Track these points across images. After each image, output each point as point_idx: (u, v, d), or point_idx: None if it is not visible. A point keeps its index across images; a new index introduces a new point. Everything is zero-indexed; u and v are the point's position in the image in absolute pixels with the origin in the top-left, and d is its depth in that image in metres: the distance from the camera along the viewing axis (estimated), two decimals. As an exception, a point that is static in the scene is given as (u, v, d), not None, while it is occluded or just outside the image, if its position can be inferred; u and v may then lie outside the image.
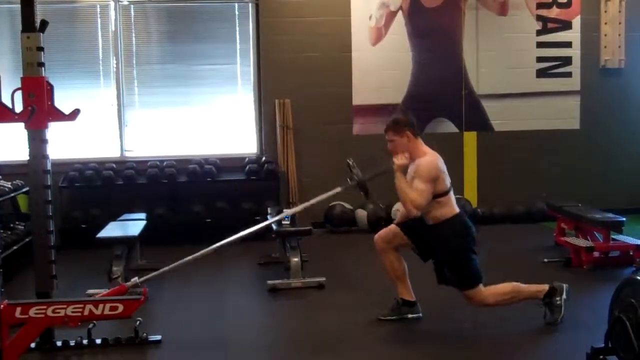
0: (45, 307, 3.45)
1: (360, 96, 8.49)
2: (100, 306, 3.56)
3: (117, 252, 5.70)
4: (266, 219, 5.97)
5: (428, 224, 4.67)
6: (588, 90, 8.83)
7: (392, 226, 4.90)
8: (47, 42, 8.12)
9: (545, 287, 4.68)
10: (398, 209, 8.11)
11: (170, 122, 8.40)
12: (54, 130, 7.82)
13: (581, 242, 6.32)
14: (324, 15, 8.38)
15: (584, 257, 6.14)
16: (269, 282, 5.79)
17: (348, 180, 4.86)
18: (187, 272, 6.56)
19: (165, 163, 8.08)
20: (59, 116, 4.37)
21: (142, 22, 8.30)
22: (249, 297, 5.79)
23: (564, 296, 4.65)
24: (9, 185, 7.15)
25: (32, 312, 3.42)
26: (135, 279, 4.52)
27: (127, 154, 8.35)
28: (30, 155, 4.37)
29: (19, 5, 7.93)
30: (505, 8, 8.64)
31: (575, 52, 8.79)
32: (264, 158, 8.24)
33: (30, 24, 4.31)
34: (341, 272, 6.31)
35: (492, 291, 4.63)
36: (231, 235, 5.09)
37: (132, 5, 8.23)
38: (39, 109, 4.26)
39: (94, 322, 4.39)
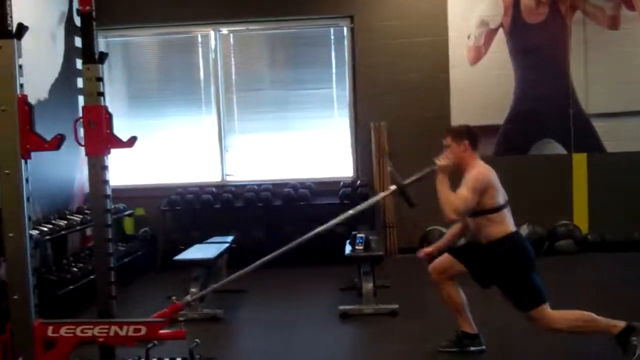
0: (74, 326, 3.57)
1: (459, 117, 8.21)
2: (125, 327, 3.62)
3: (194, 274, 5.82)
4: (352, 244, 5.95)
5: (482, 243, 4.44)
6: None
7: (445, 254, 4.68)
8: (150, 72, 8.65)
9: (622, 324, 4.27)
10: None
11: (268, 146, 8.54)
12: (160, 157, 8.21)
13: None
14: (420, 36, 8.23)
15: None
16: (341, 307, 5.70)
17: (390, 187, 4.66)
18: (268, 293, 6.67)
19: (262, 187, 8.21)
20: (117, 143, 4.51)
21: (240, 49, 8.53)
22: (319, 321, 5.70)
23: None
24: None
25: (63, 331, 3.54)
26: (187, 297, 4.57)
27: (227, 178, 8.56)
28: (90, 180, 4.52)
29: (133, 38, 8.45)
30: (616, 21, 8.11)
31: (694, 65, 8.10)
32: (358, 182, 8.17)
33: (90, 56, 4.49)
34: (419, 299, 6.10)
35: (560, 314, 4.32)
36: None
37: (231, 34, 8.48)
38: (98, 137, 4.41)
39: (155, 342, 4.51)
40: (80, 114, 7.69)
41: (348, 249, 5.91)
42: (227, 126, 8.54)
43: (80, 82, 7.77)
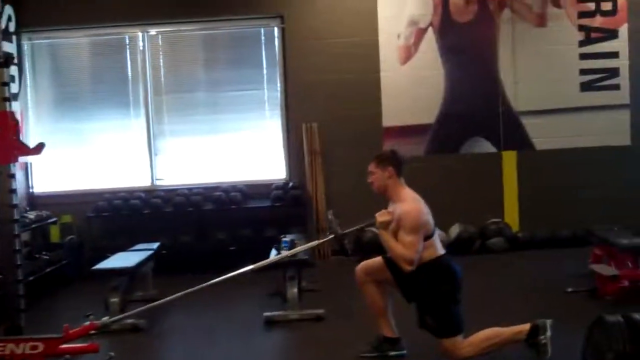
0: (-36, 346, 3.41)
1: (391, 117, 8.22)
2: (22, 345, 3.49)
3: (113, 283, 5.66)
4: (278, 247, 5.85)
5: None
6: (639, 103, 8.23)
7: (379, 258, 4.60)
8: (76, 74, 8.41)
9: (527, 326, 4.27)
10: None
11: (199, 149, 8.40)
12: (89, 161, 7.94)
13: (606, 270, 5.80)
14: (351, 36, 8.19)
15: (609, 286, 5.64)
16: (266, 314, 5.60)
17: (327, 233, 4.62)
18: (194, 302, 6.51)
19: (193, 191, 8.06)
20: (25, 150, 4.35)
21: (170, 51, 8.37)
22: (244, 329, 5.57)
23: (548, 333, 4.23)
24: (32, 216, 7.29)
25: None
26: (105, 319, 4.43)
27: (158, 183, 8.39)
28: (-5, 190, 4.35)
29: (59, 40, 8.16)
30: (543, 19, 8.19)
31: (622, 63, 8.22)
32: (290, 184, 8.09)
33: (-6, 60, 4.31)
34: (347, 303, 6.02)
35: (470, 341, 4.27)
36: (249, 264, 4.94)
37: (160, 35, 8.31)
38: (3, 144, 4.25)
39: (67, 356, 4.36)
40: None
41: (273, 253, 5.81)
42: (156, 129, 8.37)
43: (0, 86, 7.58)
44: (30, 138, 8.22)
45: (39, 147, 4.39)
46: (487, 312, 5.58)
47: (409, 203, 4.35)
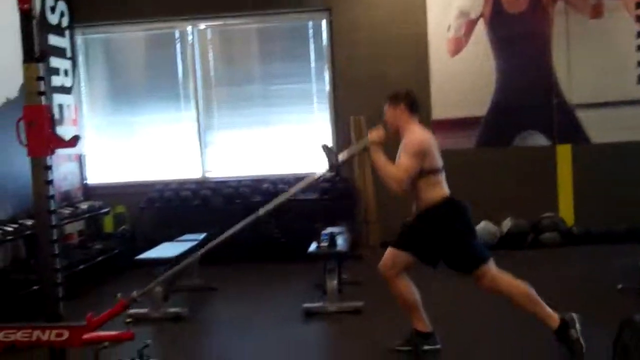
0: (-6, 331, 3.50)
1: (441, 110, 8.10)
2: (47, 332, 3.56)
3: (157, 272, 5.74)
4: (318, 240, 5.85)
5: (419, 212, 4.37)
6: (701, 95, 7.90)
7: (388, 249, 4.53)
8: (128, 67, 8.58)
9: (556, 317, 4.18)
10: (482, 228, 7.71)
11: (248, 142, 8.45)
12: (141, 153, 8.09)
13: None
14: (399, 28, 8.09)
15: (662, 283, 5.44)
16: (305, 305, 5.60)
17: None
18: (237, 291, 6.60)
19: (241, 183, 8.13)
20: (60, 143, 4.43)
21: (218, 45, 8.44)
22: (283, 319, 5.59)
23: (578, 326, 4.11)
24: (85, 207, 7.47)
25: (-18, 334, 3.48)
26: (133, 293, 4.48)
27: (207, 175, 8.49)
28: (33, 181, 4.44)
29: (111, 34, 8.33)
30: (599, 10, 7.90)
31: (683, 54, 7.90)
32: (338, 177, 8.05)
33: (30, 55, 4.39)
34: (388, 296, 5.92)
35: (507, 278, 4.32)
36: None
37: (209, 29, 8.39)
38: (39, 137, 4.34)
39: (105, 343, 4.44)
40: (56, 112, 7.73)
41: (313, 246, 5.81)
42: (206, 122, 8.46)
43: (55, 80, 7.80)
44: (84, 130, 8.44)
45: (74, 140, 4.45)
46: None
47: (416, 133, 4.39)
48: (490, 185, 8.06)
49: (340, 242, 5.93)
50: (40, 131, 4.37)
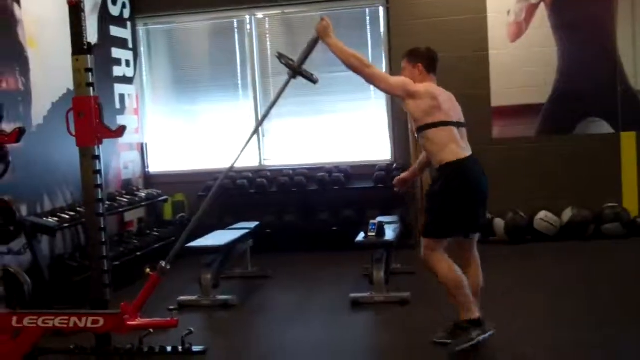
0: (36, 317, 3.64)
1: (500, 97, 7.93)
2: (84, 319, 3.66)
3: (206, 261, 5.84)
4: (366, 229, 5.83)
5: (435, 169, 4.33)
6: None
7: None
8: (189, 57, 8.70)
9: (476, 314, 4.15)
10: (542, 218, 7.54)
11: (306, 130, 8.48)
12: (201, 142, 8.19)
13: None
14: (457, 14, 7.95)
15: None
16: (352, 295, 5.59)
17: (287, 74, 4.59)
18: (289, 280, 6.64)
19: (297, 171, 8.17)
20: (107, 133, 4.54)
21: (276, 34, 8.46)
22: (330, 309, 5.59)
23: (481, 338, 4.09)
24: (143, 195, 7.64)
25: (26, 321, 3.61)
26: (161, 262, 4.53)
27: (265, 163, 8.55)
28: (82, 171, 4.57)
29: (174, 25, 8.45)
30: (666, -7, 7.58)
31: None
32: (394, 165, 8.00)
33: (79, 47, 4.50)
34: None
35: (445, 261, 4.26)
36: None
37: (266, 18, 8.43)
38: (87, 127, 4.46)
39: (150, 330, 4.54)
40: (117, 101, 7.92)
41: (361, 236, 5.78)
42: (264, 111, 8.49)
43: (116, 71, 7.99)
44: (146, 119, 8.63)
45: (120, 130, 4.56)
46: (579, 297, 5.37)
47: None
48: (552, 174, 7.87)
49: (390, 231, 5.88)
50: (88, 121, 4.49)
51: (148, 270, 4.60)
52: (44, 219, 5.98)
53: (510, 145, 7.95)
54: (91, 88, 4.51)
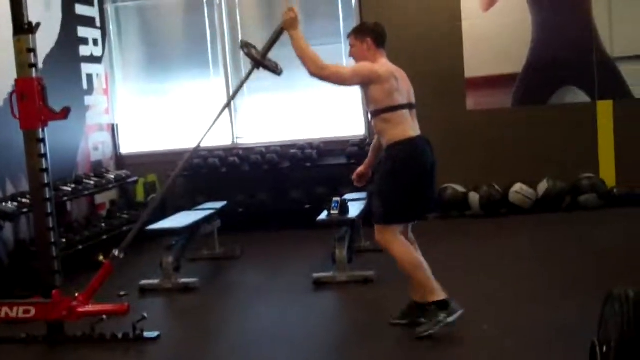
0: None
1: (474, 68, 7.78)
2: (15, 309, 3.57)
3: (168, 243, 5.74)
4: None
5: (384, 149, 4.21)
6: None
7: None
8: (158, 35, 8.51)
9: (442, 296, 4.04)
10: (517, 191, 7.43)
11: (278, 107, 8.33)
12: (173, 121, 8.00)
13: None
14: (429, -17, 7.78)
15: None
16: (315, 275, 5.49)
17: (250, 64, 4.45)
18: (256, 259, 6.55)
19: (270, 149, 8.03)
20: (51, 115, 4.42)
21: (245, 7, 8.28)
22: (293, 289, 5.49)
23: (450, 319, 3.98)
24: (112, 177, 7.52)
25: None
26: (114, 251, 4.45)
27: (238, 141, 8.42)
28: (26, 154, 4.46)
29: (143, 2, 8.22)
30: (642, -44, 7.40)
31: None
32: (368, 140, 7.87)
33: (20, 26, 4.37)
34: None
35: (402, 244, 4.14)
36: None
37: (236, -8, 8.26)
38: (31, 109, 4.34)
39: (103, 316, 4.46)
40: (85, 81, 7.75)
41: (324, 214, 5.67)
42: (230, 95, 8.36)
43: (83, 50, 7.82)
44: (116, 99, 8.49)
45: (65, 112, 4.44)
46: (558, 269, 5.30)
47: (376, 63, 4.19)
48: (527, 145, 7.74)
49: (354, 209, 5.77)
50: (32, 104, 4.38)
51: (101, 257, 4.52)
52: (3, 204, 5.86)
53: (485, 116, 7.82)
54: (34, 69, 4.40)
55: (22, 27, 4.40)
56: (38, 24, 4.43)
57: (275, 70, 4.40)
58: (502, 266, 5.62)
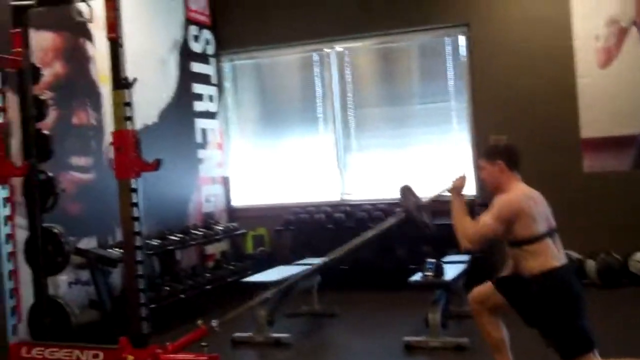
0: (44, 348, 3.69)
1: (591, 128, 7.42)
2: (86, 352, 3.67)
3: (265, 296, 5.74)
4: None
5: (524, 277, 3.91)
6: None
7: (489, 283, 4.17)
8: (272, 92, 8.75)
9: None
10: (638, 260, 6.98)
11: (386, 164, 8.28)
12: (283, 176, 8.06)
13: None
14: (543, 41, 7.54)
15: None
16: (406, 338, 5.32)
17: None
18: (353, 318, 6.43)
19: (376, 206, 7.97)
20: (144, 166, 4.58)
21: (354, 66, 8.37)
22: (382, 352, 5.34)
23: None
24: (220, 228, 7.70)
25: (34, 352, 3.68)
26: (214, 322, 4.51)
27: (345, 197, 8.42)
28: (120, 203, 4.62)
29: (259, 60, 8.49)
30: None
31: None
32: (479, 200, 7.64)
33: (118, 82, 4.58)
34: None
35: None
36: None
37: (345, 51, 8.36)
38: (125, 160, 4.52)
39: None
40: (199, 136, 8.07)
41: (418, 276, 5.52)
42: (345, 144, 8.42)
43: (196, 106, 8.14)
44: (229, 153, 8.74)
45: (156, 163, 4.58)
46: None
47: (511, 193, 3.92)
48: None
49: (451, 272, 5.58)
50: (127, 155, 4.56)
51: (200, 322, 4.62)
52: (109, 250, 6.11)
53: (602, 180, 7.41)
54: (129, 122, 4.58)
55: (120, 82, 4.61)
56: (135, 79, 4.61)
57: (423, 228, 4.35)
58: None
